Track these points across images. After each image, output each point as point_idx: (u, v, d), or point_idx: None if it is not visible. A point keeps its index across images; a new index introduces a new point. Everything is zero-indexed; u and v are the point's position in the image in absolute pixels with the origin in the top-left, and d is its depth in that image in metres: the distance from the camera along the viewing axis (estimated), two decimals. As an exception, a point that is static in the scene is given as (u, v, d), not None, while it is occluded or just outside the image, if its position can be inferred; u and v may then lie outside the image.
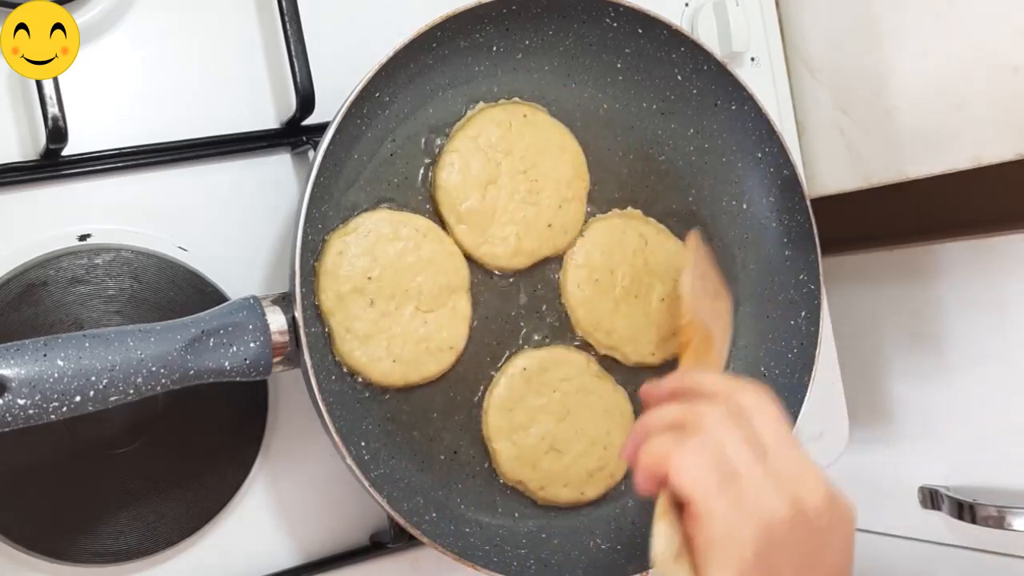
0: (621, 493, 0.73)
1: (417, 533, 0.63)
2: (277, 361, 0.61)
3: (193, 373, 0.58)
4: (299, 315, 0.60)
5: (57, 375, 0.54)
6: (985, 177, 0.82)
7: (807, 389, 0.74)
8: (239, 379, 0.60)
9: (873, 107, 0.85)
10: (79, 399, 0.54)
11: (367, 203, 0.67)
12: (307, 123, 0.69)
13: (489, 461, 0.70)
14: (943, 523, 0.97)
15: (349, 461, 0.60)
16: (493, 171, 0.70)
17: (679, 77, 0.75)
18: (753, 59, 0.86)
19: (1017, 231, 0.90)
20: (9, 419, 0.53)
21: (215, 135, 0.68)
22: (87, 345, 0.55)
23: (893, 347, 1.02)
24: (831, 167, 0.90)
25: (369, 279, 0.65)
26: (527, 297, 0.72)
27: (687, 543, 0.52)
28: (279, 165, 0.70)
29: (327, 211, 0.66)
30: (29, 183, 0.64)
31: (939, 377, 0.98)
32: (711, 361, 0.67)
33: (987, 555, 0.96)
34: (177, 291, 0.65)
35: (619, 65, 0.74)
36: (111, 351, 0.55)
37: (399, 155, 0.69)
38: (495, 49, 0.71)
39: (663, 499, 0.53)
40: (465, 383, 0.69)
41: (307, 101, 0.67)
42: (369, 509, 0.71)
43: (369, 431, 0.66)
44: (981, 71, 0.77)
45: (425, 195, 0.69)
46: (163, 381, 0.57)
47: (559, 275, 0.72)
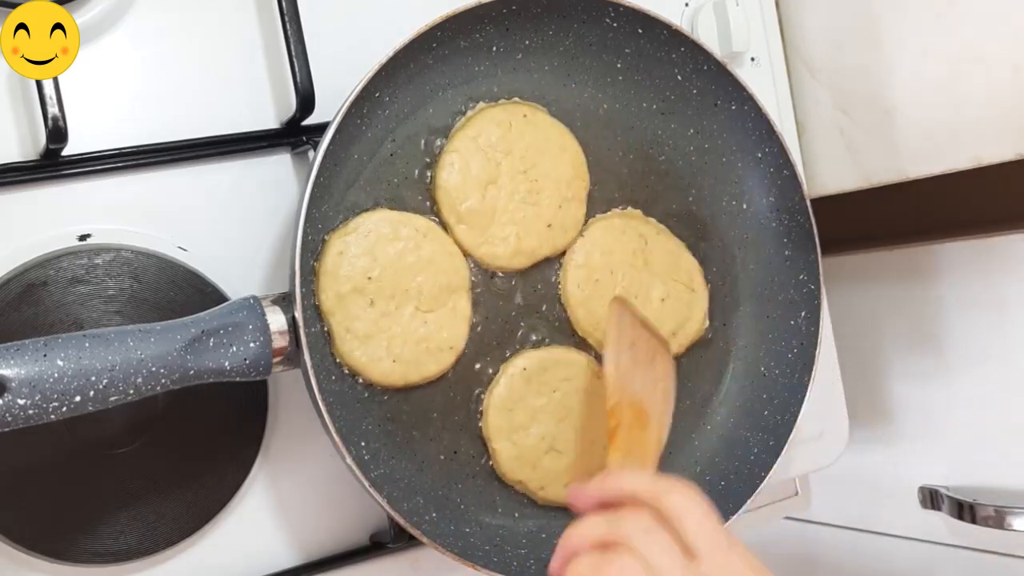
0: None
1: (417, 533, 0.63)
2: (277, 361, 0.61)
3: (193, 373, 0.58)
4: (299, 315, 0.60)
5: (57, 375, 0.54)
6: (985, 177, 0.82)
7: (807, 389, 0.74)
8: (239, 379, 0.60)
9: (873, 107, 0.85)
10: (79, 399, 0.54)
11: (367, 203, 0.67)
12: (307, 123, 0.69)
13: (489, 461, 0.70)
14: (943, 523, 0.97)
15: (349, 461, 0.60)
16: (493, 171, 0.70)
17: (679, 77, 0.75)
18: (753, 59, 0.86)
19: (1017, 231, 0.90)
20: (9, 419, 0.53)
21: (215, 135, 0.68)
22: (87, 345, 0.55)
23: (893, 347, 1.02)
24: (831, 167, 0.90)
25: (369, 279, 0.65)
26: (527, 297, 0.72)
27: None
28: (279, 165, 0.70)
29: (327, 211, 0.66)
30: (29, 183, 0.64)
31: (939, 377, 0.98)
32: (646, 441, 0.63)
33: (987, 555, 0.96)
34: (177, 291, 0.65)
35: (619, 65, 0.74)
36: (111, 351, 0.55)
37: (399, 155, 0.69)
38: (495, 49, 0.71)
39: None
40: (465, 383, 0.69)
41: (307, 101, 0.67)
42: (369, 509, 0.71)
43: (369, 431, 0.66)
44: (981, 71, 0.77)
45: (425, 195, 0.69)
46: (163, 381, 0.57)
47: (559, 275, 0.72)
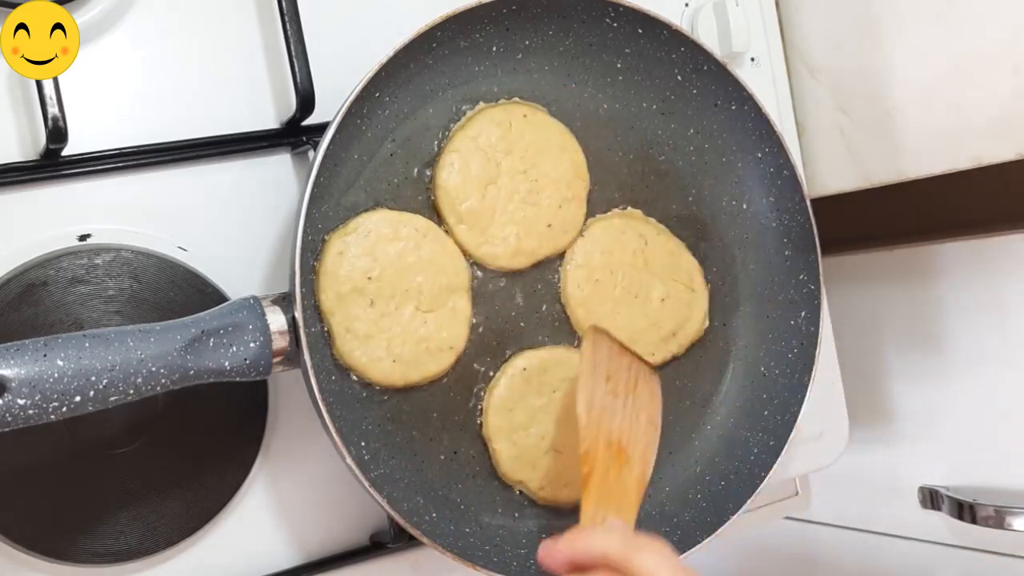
0: (621, 493, 0.73)
1: (417, 533, 0.63)
2: (277, 361, 0.61)
3: (193, 373, 0.58)
4: (299, 315, 0.60)
5: (57, 375, 0.54)
6: (985, 177, 0.82)
7: (807, 389, 0.74)
8: (239, 379, 0.60)
9: (873, 107, 0.85)
10: (79, 399, 0.54)
11: (367, 203, 0.67)
12: (307, 123, 0.69)
13: (489, 461, 0.70)
14: (943, 523, 0.97)
15: (349, 461, 0.60)
16: (493, 171, 0.70)
17: (679, 77, 0.75)
18: (753, 59, 0.86)
19: (1017, 231, 0.90)
20: (9, 419, 0.53)
21: (215, 135, 0.68)
22: (87, 345, 0.55)
23: (893, 347, 1.02)
24: (831, 167, 0.90)
25: (369, 279, 0.65)
26: (527, 297, 0.72)
27: None
28: (279, 165, 0.70)
29: (327, 211, 0.66)
30: (29, 183, 0.64)
31: (939, 377, 0.98)
32: (626, 483, 0.62)
33: (987, 555, 0.96)
34: (177, 291, 0.65)
35: (619, 65, 0.74)
36: (111, 351, 0.55)
37: (399, 155, 0.69)
38: (495, 49, 0.71)
39: None
40: (465, 383, 0.69)
41: (307, 101, 0.67)
42: (369, 509, 0.71)
43: (369, 431, 0.66)
44: (981, 71, 0.77)
45: (425, 195, 0.69)
46: (163, 381, 0.57)
47: (559, 275, 0.72)
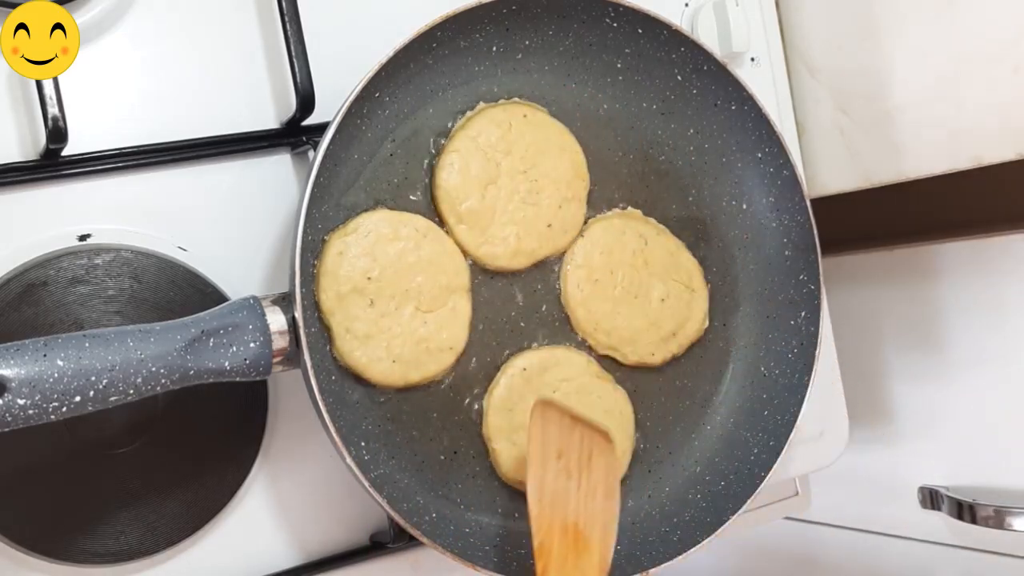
0: (621, 493, 0.73)
1: (417, 533, 0.63)
2: (277, 361, 0.61)
3: (193, 373, 0.58)
4: (299, 315, 0.60)
5: (57, 375, 0.54)
6: (985, 177, 0.82)
7: (807, 389, 0.74)
8: (239, 379, 0.60)
9: (873, 107, 0.85)
10: (79, 399, 0.54)
11: (367, 203, 0.67)
12: (307, 123, 0.69)
13: (489, 461, 0.70)
14: (943, 523, 0.97)
15: (349, 461, 0.60)
16: (493, 171, 0.70)
17: (679, 77, 0.75)
18: (753, 59, 0.86)
19: (1017, 231, 0.90)
20: (9, 419, 0.53)
21: (215, 135, 0.68)
22: (87, 345, 0.55)
23: (893, 347, 1.02)
24: (831, 167, 0.90)
25: (369, 279, 0.65)
26: (527, 297, 0.72)
27: None
28: (279, 165, 0.70)
29: (327, 211, 0.66)
30: (29, 183, 0.64)
31: (939, 377, 0.98)
32: (586, 570, 0.60)
33: (987, 555, 0.96)
34: (177, 291, 0.65)
35: (619, 65, 0.74)
36: (111, 351, 0.55)
37: (399, 155, 0.69)
38: (495, 49, 0.71)
39: None
40: (465, 383, 0.69)
41: (307, 101, 0.67)
42: (369, 509, 0.71)
43: (369, 431, 0.66)
44: (981, 71, 0.77)
45: (425, 195, 0.69)
46: (163, 381, 0.57)
47: (559, 275, 0.72)
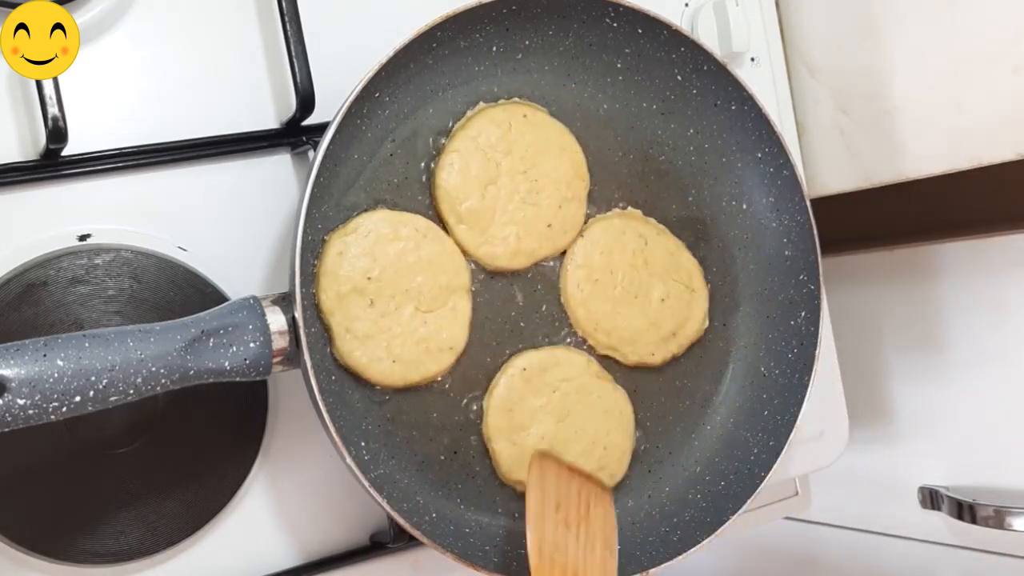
0: (621, 493, 0.73)
1: (417, 533, 0.63)
2: (277, 361, 0.61)
3: (193, 373, 0.58)
4: (299, 315, 0.60)
5: (57, 375, 0.54)
6: (985, 177, 0.82)
7: (807, 389, 0.74)
8: (239, 379, 0.60)
9: (873, 107, 0.85)
10: (79, 399, 0.54)
11: (367, 203, 0.67)
12: (307, 123, 0.69)
13: (489, 461, 0.70)
14: (943, 523, 0.97)
15: (349, 461, 0.60)
16: (493, 171, 0.70)
17: (679, 77, 0.75)
18: (753, 59, 0.86)
19: (1017, 231, 0.90)
20: (9, 419, 0.53)
21: (215, 135, 0.68)
22: (87, 345, 0.55)
23: (893, 347, 1.02)
24: (831, 167, 0.90)
25: (369, 279, 0.65)
26: (527, 297, 0.72)
27: None
28: (279, 165, 0.70)
29: (327, 211, 0.66)
30: (29, 183, 0.64)
31: (939, 377, 0.98)
32: None
33: (987, 555, 0.96)
34: (177, 291, 0.65)
35: (619, 65, 0.74)
36: (111, 351, 0.55)
37: (399, 155, 0.69)
38: (495, 49, 0.71)
39: None
40: (465, 383, 0.69)
41: (307, 101, 0.67)
42: (369, 509, 0.71)
43: (369, 431, 0.66)
44: (981, 71, 0.77)
45: (425, 195, 0.69)
46: (163, 381, 0.57)
47: (559, 275, 0.72)
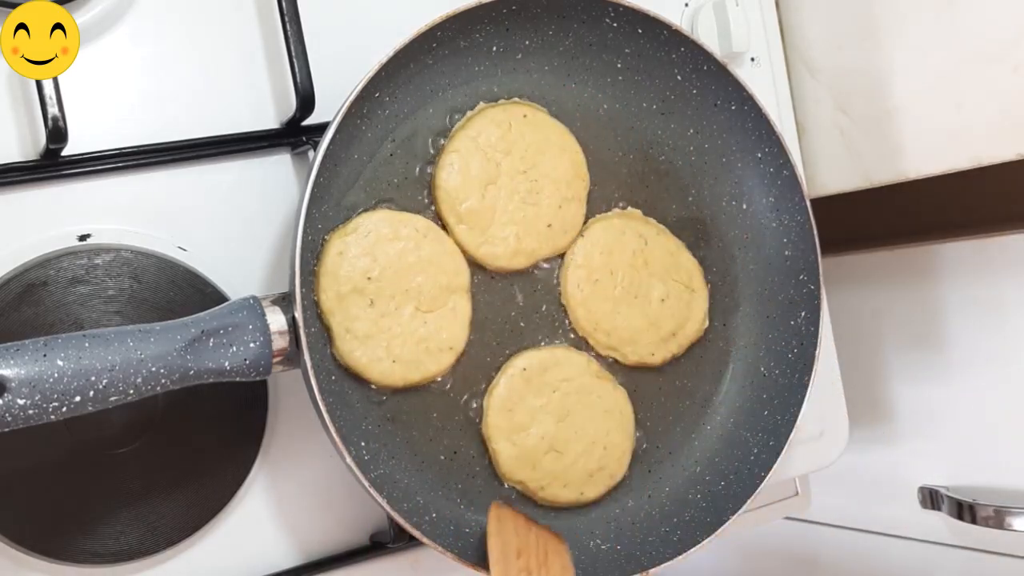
0: (621, 493, 0.73)
1: (417, 533, 0.63)
2: (277, 361, 0.61)
3: (193, 373, 0.58)
4: (299, 315, 0.60)
5: (57, 375, 0.54)
6: (985, 177, 0.82)
7: (807, 389, 0.74)
8: (239, 379, 0.60)
9: (873, 107, 0.85)
10: (79, 399, 0.54)
11: (367, 203, 0.67)
12: (307, 123, 0.69)
13: (489, 461, 0.70)
14: (943, 523, 0.97)
15: (349, 461, 0.60)
16: (493, 171, 0.70)
17: (679, 77, 0.75)
18: (753, 59, 0.86)
19: (1017, 231, 0.90)
20: (9, 419, 0.53)
21: (215, 135, 0.68)
22: (87, 345, 0.55)
23: (893, 347, 1.02)
24: (831, 167, 0.90)
25: (369, 279, 0.65)
26: (527, 297, 0.72)
27: None
28: (279, 165, 0.70)
29: (327, 211, 0.66)
30: (29, 183, 0.64)
31: (939, 377, 0.98)
32: None
33: (987, 555, 0.96)
34: (177, 291, 0.65)
35: (619, 65, 0.74)
36: (111, 351, 0.55)
37: (399, 155, 0.69)
38: (495, 49, 0.71)
39: None
40: (465, 383, 0.69)
41: (307, 101, 0.67)
42: (369, 509, 0.71)
43: (369, 431, 0.66)
44: (981, 71, 0.77)
45: (425, 195, 0.69)
46: (163, 381, 0.57)
47: (559, 275, 0.72)
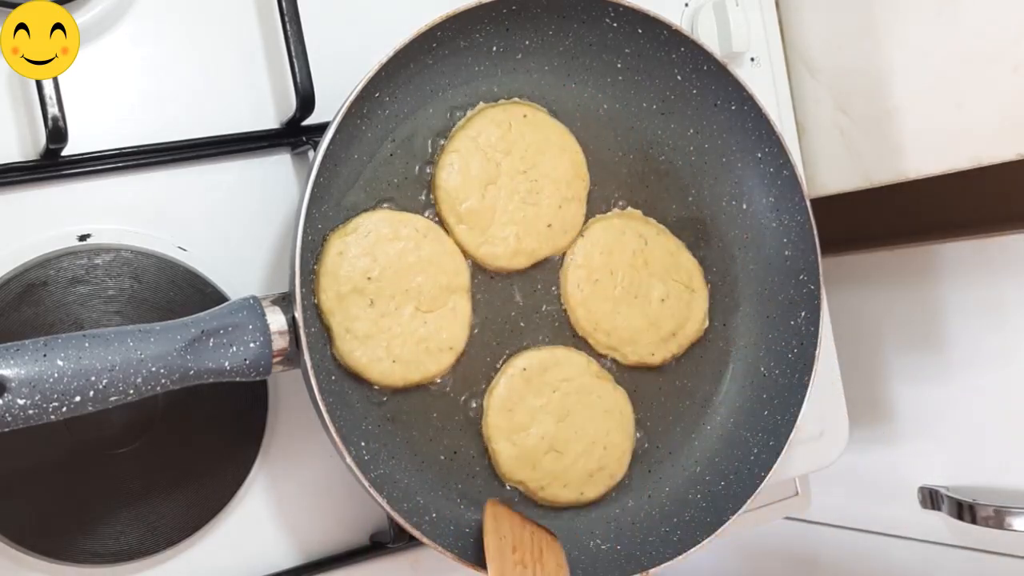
0: (621, 493, 0.73)
1: (417, 533, 0.63)
2: (277, 361, 0.61)
3: (193, 373, 0.58)
4: (299, 315, 0.60)
5: (57, 375, 0.54)
6: (985, 177, 0.82)
7: (807, 389, 0.74)
8: (239, 379, 0.60)
9: (873, 107, 0.85)
10: (79, 399, 0.54)
11: (367, 203, 0.67)
12: (307, 123, 0.69)
13: (489, 461, 0.70)
14: (943, 523, 0.97)
15: (349, 461, 0.60)
16: (493, 171, 0.70)
17: (679, 77, 0.75)
18: (753, 59, 0.86)
19: (1017, 231, 0.90)
20: (9, 419, 0.53)
21: (215, 135, 0.68)
22: (87, 345, 0.55)
23: (893, 347, 1.02)
24: (831, 167, 0.90)
25: (369, 279, 0.65)
26: (527, 297, 0.72)
27: None
28: (279, 165, 0.70)
29: (327, 211, 0.66)
30: (29, 183, 0.64)
31: (939, 377, 0.98)
32: None
33: (987, 555, 0.96)
34: (177, 291, 0.65)
35: (619, 65, 0.74)
36: (111, 351, 0.55)
37: (399, 155, 0.69)
38: (495, 49, 0.71)
39: None
40: (465, 383, 0.69)
41: (307, 101, 0.67)
42: (369, 509, 0.71)
43: (369, 431, 0.66)
44: (981, 71, 0.77)
45: (425, 195, 0.69)
46: (163, 381, 0.57)
47: (559, 275, 0.72)
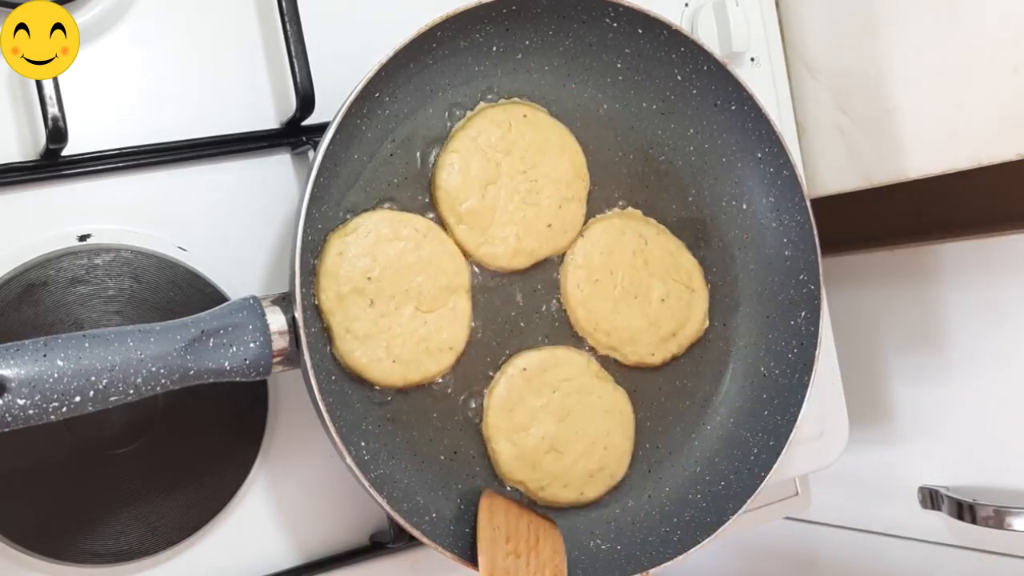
0: (621, 493, 0.73)
1: (417, 533, 0.63)
2: (277, 361, 0.61)
3: (193, 373, 0.58)
4: (299, 315, 0.60)
5: (57, 375, 0.54)
6: (985, 177, 0.82)
7: (807, 389, 0.74)
8: (239, 379, 0.60)
9: (873, 107, 0.85)
10: (79, 399, 0.54)
11: (367, 203, 0.67)
12: (307, 123, 0.69)
13: (489, 461, 0.70)
14: (943, 523, 0.97)
15: (349, 461, 0.60)
16: (493, 171, 0.70)
17: (679, 77, 0.75)
18: (753, 59, 0.86)
19: (1017, 231, 0.90)
20: (9, 419, 0.53)
21: (215, 135, 0.68)
22: (87, 345, 0.55)
23: (893, 347, 1.02)
24: (831, 167, 0.90)
25: (369, 279, 0.65)
26: (527, 297, 0.72)
27: None
28: (279, 165, 0.70)
29: (327, 211, 0.66)
30: (29, 183, 0.64)
31: (939, 377, 0.98)
32: None
33: (987, 555, 0.96)
34: (177, 291, 0.65)
35: (619, 65, 0.74)
36: (111, 351, 0.55)
37: (399, 155, 0.69)
38: (495, 49, 0.71)
39: None
40: (465, 383, 0.69)
41: (307, 101, 0.67)
42: (369, 509, 0.71)
43: (369, 431, 0.66)
44: (981, 71, 0.77)
45: (425, 195, 0.69)
46: (163, 381, 0.57)
47: (559, 275, 0.72)
